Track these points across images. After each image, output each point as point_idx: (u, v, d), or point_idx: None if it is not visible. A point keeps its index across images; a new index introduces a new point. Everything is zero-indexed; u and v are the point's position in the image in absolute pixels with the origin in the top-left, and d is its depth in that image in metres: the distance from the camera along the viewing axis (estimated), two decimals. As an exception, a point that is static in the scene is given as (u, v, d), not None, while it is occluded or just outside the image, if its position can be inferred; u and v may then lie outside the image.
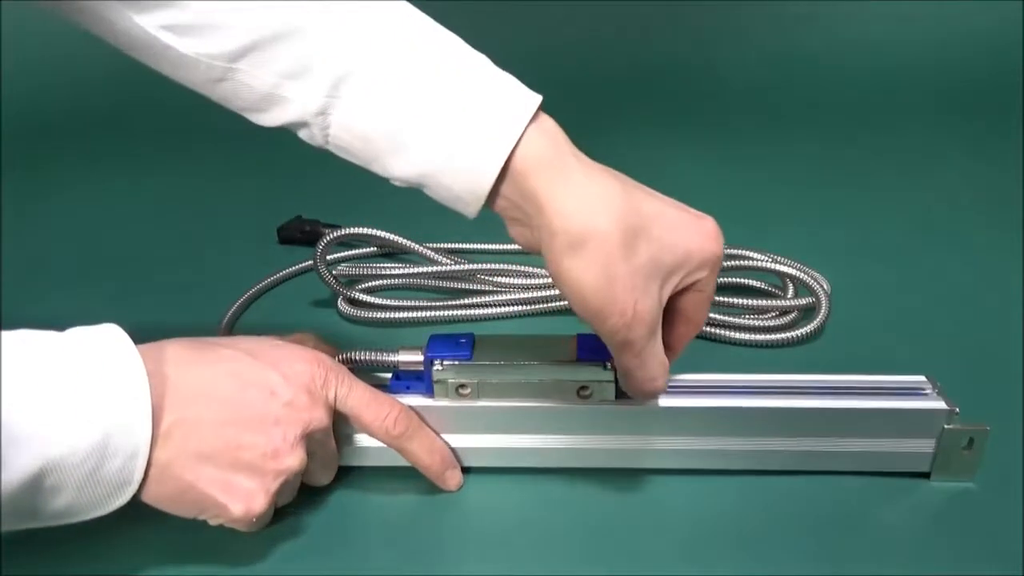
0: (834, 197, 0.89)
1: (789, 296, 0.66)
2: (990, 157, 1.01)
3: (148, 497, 0.41)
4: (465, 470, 0.50)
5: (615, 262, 0.40)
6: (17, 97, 1.17)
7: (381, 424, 0.47)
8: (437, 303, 0.68)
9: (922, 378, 0.50)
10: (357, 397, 0.47)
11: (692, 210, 0.44)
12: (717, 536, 0.46)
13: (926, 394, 0.48)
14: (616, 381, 0.47)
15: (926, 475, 0.49)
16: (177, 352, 0.43)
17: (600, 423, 0.49)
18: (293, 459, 0.44)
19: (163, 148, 1.11)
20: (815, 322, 0.63)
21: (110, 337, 0.40)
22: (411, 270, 0.71)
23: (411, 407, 0.48)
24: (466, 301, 0.68)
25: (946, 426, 0.47)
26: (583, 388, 0.48)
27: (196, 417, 0.41)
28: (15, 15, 1.20)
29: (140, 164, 1.06)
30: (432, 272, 0.70)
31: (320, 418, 0.45)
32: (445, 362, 0.48)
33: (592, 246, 0.40)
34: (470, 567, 0.45)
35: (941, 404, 0.47)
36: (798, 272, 0.65)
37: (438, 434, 0.49)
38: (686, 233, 0.42)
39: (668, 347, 0.45)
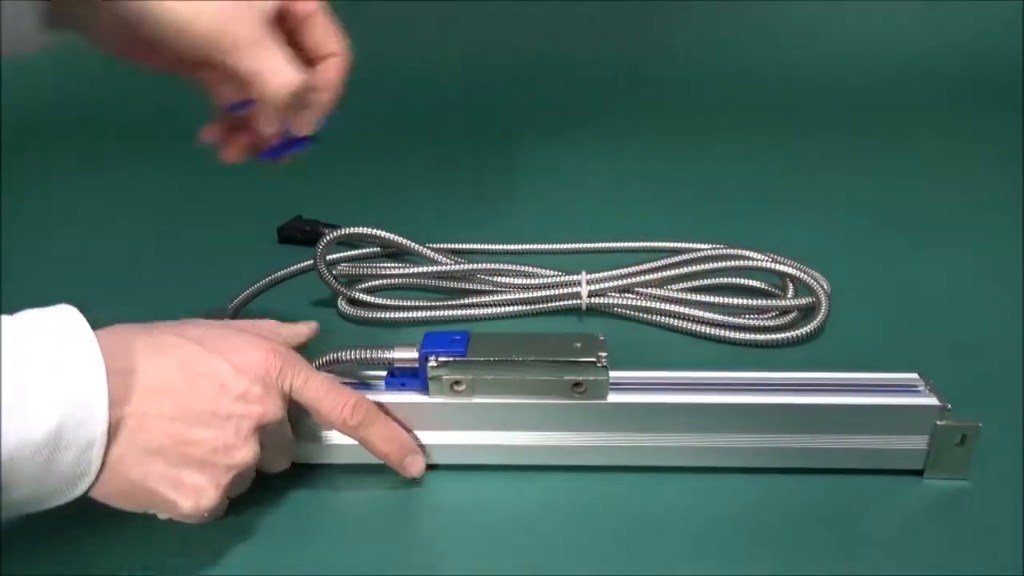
0: (834, 197, 0.89)
1: (789, 296, 0.66)
2: (989, 157, 1.01)
3: (96, 493, 0.40)
4: (458, 467, 0.50)
5: None
6: (17, 95, 1.17)
7: (339, 414, 0.46)
8: (437, 303, 0.68)
9: (915, 375, 0.50)
10: (314, 387, 0.46)
11: None
12: (709, 533, 0.46)
13: (918, 391, 0.49)
14: (609, 379, 0.48)
15: (919, 472, 0.49)
16: (130, 338, 0.41)
17: (594, 420, 0.49)
18: (246, 452, 0.43)
19: (163, 147, 1.10)
20: (815, 322, 0.63)
21: (64, 321, 0.39)
22: (411, 270, 0.71)
23: (406, 404, 0.49)
24: (466, 301, 0.68)
25: (938, 423, 0.47)
26: (577, 385, 0.48)
27: (144, 411, 0.40)
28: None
29: (139, 163, 1.06)
30: (432, 272, 0.70)
31: (274, 410, 0.44)
32: (440, 359, 0.48)
33: None
34: (462, 565, 0.45)
35: (933, 400, 0.47)
36: (798, 272, 0.65)
37: (402, 424, 0.49)
38: None
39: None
